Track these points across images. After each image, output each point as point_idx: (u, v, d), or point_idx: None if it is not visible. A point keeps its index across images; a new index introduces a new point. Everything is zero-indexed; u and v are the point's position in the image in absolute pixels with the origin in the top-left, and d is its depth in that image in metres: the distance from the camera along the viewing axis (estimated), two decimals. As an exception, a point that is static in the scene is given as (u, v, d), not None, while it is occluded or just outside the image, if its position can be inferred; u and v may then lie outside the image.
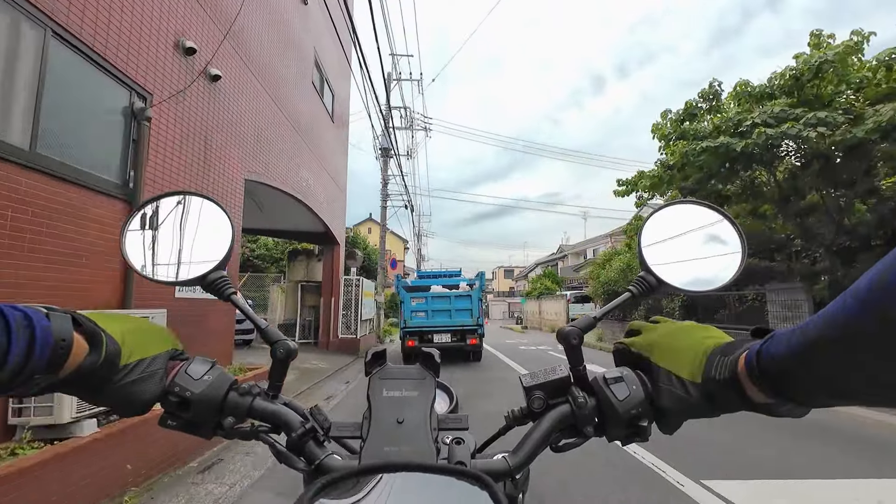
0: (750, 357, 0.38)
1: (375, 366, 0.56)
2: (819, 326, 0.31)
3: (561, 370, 0.53)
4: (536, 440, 0.50)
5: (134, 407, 0.47)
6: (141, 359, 0.47)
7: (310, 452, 0.49)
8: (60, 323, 0.38)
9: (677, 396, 0.46)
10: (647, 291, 0.57)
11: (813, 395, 0.35)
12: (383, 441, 0.48)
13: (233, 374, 0.52)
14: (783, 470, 3.18)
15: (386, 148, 17.44)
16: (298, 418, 0.50)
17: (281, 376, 0.53)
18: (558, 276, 28.57)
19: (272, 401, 0.52)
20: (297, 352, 0.54)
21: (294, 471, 0.49)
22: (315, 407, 0.53)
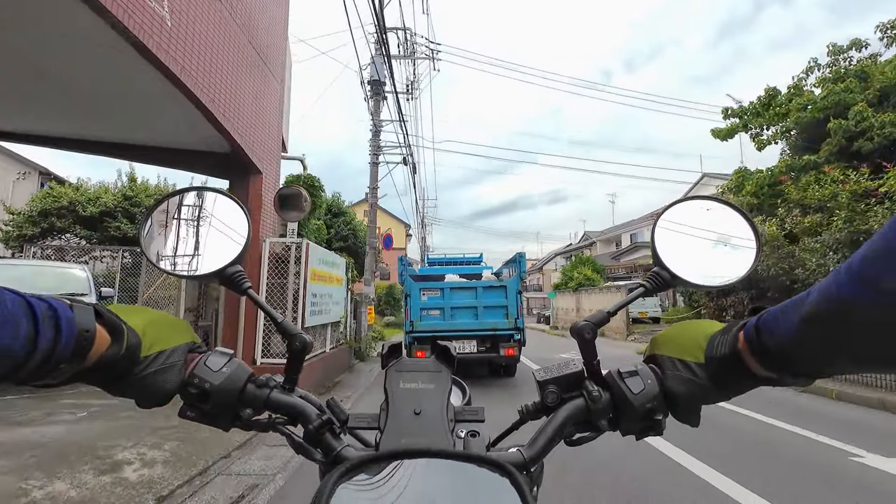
0: (748, 331, 0.45)
1: (392, 358, 0.64)
2: (814, 301, 0.36)
3: (574, 365, 0.60)
4: (550, 433, 0.57)
5: (155, 397, 0.54)
6: (161, 350, 0.54)
7: (327, 444, 0.57)
8: (83, 314, 0.44)
9: (684, 379, 0.54)
10: (661, 286, 0.65)
11: (812, 366, 0.41)
12: (401, 432, 0.55)
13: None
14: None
15: (377, 81, 15.01)
16: (315, 410, 0.58)
17: (297, 370, 0.61)
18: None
19: (289, 393, 0.60)
20: (312, 345, 0.75)
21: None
22: (332, 399, 0.61)
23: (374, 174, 15.45)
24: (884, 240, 0.29)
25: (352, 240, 15.81)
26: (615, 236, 34.97)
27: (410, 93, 16.83)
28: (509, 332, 7.31)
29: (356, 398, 6.67)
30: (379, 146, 15.61)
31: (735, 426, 5.06)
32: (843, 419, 5.43)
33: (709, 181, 24.83)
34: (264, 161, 6.36)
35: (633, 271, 25.24)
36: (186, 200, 0.70)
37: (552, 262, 45.59)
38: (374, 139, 15.51)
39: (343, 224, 15.82)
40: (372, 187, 15.28)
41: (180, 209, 0.69)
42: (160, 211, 0.69)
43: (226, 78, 5.28)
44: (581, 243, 40.71)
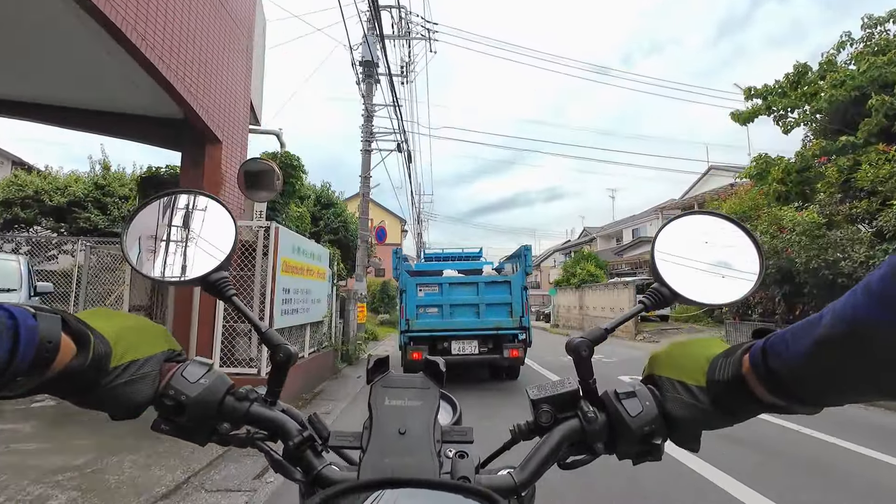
0: (754, 355, 0.42)
1: (378, 373, 0.59)
2: (826, 323, 0.34)
3: (570, 383, 0.57)
4: (544, 456, 0.54)
5: (125, 409, 0.50)
6: (133, 360, 0.51)
7: (307, 462, 0.54)
8: (48, 323, 0.41)
9: (685, 403, 0.51)
10: (660, 303, 0.63)
11: (823, 394, 0.39)
12: (385, 452, 0.51)
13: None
14: None
15: (369, 62, 13.90)
16: (296, 426, 0.55)
17: (280, 382, 0.59)
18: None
19: (270, 407, 0.57)
20: (297, 357, 0.61)
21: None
22: (314, 415, 0.58)
23: (367, 162, 14.36)
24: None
25: (342, 232, 14.69)
26: (616, 232, 34.05)
27: (405, 76, 15.71)
28: (514, 331, 6.83)
29: (339, 413, 5.58)
30: (371, 132, 14.51)
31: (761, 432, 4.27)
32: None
33: (716, 173, 23.85)
34: (225, 129, 5.25)
35: (637, 267, 24.24)
36: (171, 203, 0.68)
37: (550, 259, 44.71)
38: (367, 124, 14.41)
39: (333, 216, 14.70)
40: (364, 176, 14.19)
41: (164, 212, 0.67)
42: (143, 214, 0.66)
43: (172, 22, 4.16)
44: (580, 239, 39.78)
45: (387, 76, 14.28)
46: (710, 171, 24.52)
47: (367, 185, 14.24)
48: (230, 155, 5.38)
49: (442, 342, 6.87)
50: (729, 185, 20.16)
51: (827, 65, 10.22)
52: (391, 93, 14.32)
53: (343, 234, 14.90)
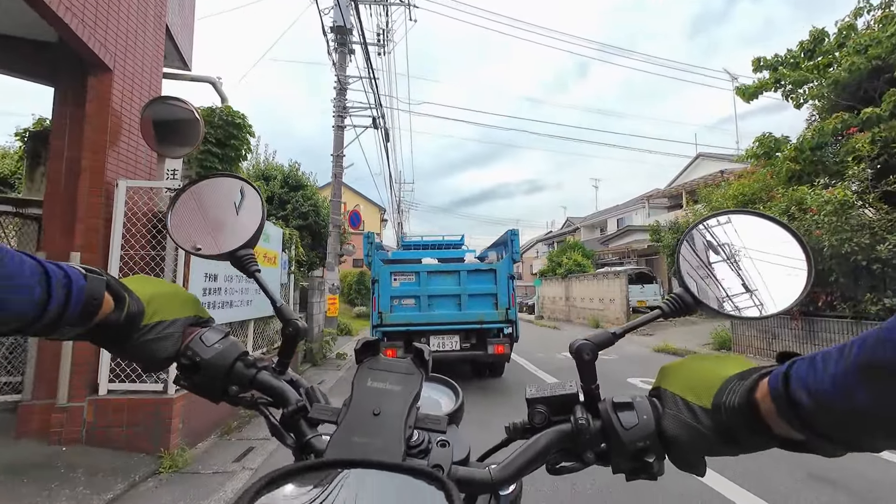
0: (774, 382, 0.38)
1: (367, 354, 0.59)
2: (868, 347, 0.29)
3: (570, 386, 0.56)
4: (528, 457, 0.52)
5: (151, 362, 0.58)
6: (161, 320, 0.58)
7: (300, 430, 0.57)
8: (95, 284, 0.49)
9: (685, 423, 0.46)
10: (681, 311, 0.58)
11: (856, 432, 0.33)
12: (355, 430, 0.51)
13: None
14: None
15: (341, 27, 12.42)
16: (296, 396, 0.59)
17: (289, 354, 0.64)
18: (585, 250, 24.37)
19: (277, 376, 0.61)
20: (306, 331, 0.66)
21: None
22: (312, 387, 0.62)
23: (339, 139, 12.92)
24: None
25: (313, 217, 13.23)
26: (600, 222, 33.28)
27: (382, 45, 14.25)
28: (499, 325, 6.14)
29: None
30: (344, 106, 13.05)
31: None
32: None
33: (704, 161, 23.07)
34: (118, 55, 3.81)
35: (624, 256, 23.37)
36: (209, 186, 0.74)
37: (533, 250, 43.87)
38: (339, 98, 12.95)
39: (302, 198, 13.22)
40: (336, 154, 12.76)
41: (202, 194, 0.73)
42: (187, 194, 0.72)
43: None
44: (564, 229, 38.98)
45: (361, 45, 12.78)
46: (698, 158, 23.73)
47: (339, 165, 12.81)
48: (129, 94, 3.94)
49: (419, 337, 6.08)
50: (719, 172, 19.33)
51: (847, 29, 9.20)
52: (366, 63, 12.84)
53: (314, 218, 13.43)
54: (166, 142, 4.14)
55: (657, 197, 26.16)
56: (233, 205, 0.72)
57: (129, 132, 3.92)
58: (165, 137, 4.13)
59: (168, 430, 3.43)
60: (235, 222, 0.71)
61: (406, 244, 11.68)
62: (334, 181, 12.66)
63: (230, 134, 5.73)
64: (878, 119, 8.21)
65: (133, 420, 3.41)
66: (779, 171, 9.64)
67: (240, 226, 0.70)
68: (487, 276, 6.30)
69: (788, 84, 10.35)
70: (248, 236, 0.68)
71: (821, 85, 9.65)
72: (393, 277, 6.22)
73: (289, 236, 6.79)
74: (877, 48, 8.56)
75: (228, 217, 0.72)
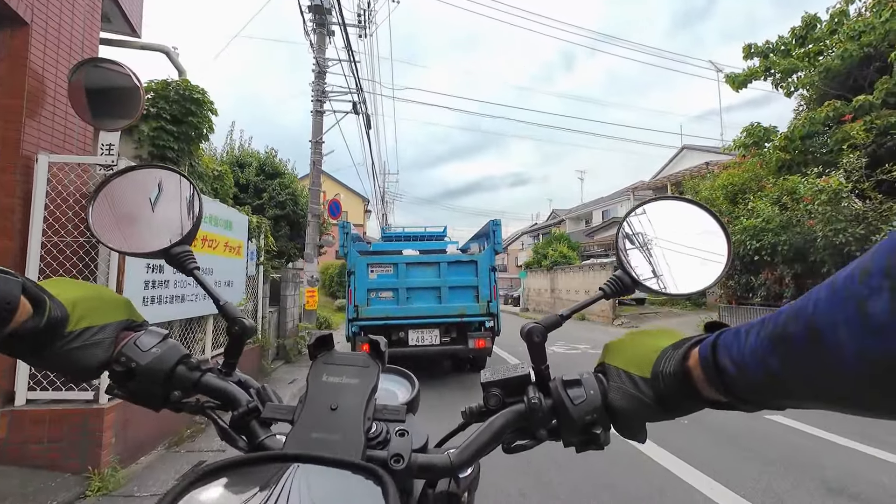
0: (704, 351, 0.40)
1: (321, 350, 0.58)
2: (782, 322, 0.31)
3: (522, 368, 0.57)
4: (485, 439, 0.53)
5: (78, 372, 0.53)
6: (89, 326, 0.53)
7: (252, 432, 0.55)
8: (9, 287, 0.43)
9: (628, 393, 0.49)
10: (621, 291, 0.61)
11: (767, 394, 0.36)
12: (313, 426, 0.50)
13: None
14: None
15: (319, 6, 11.77)
16: (247, 397, 0.57)
17: (235, 354, 0.61)
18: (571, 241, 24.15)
19: (224, 378, 0.58)
20: (253, 330, 0.62)
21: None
22: (263, 387, 0.60)
23: (318, 125, 12.34)
24: (873, 259, 0.25)
25: (291, 206, 12.58)
26: (585, 214, 33.14)
27: (364, 27, 13.59)
28: (480, 318, 5.94)
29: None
30: (324, 91, 12.45)
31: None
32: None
33: (689, 153, 22.98)
34: (38, 7, 3.23)
35: (610, 248, 23.23)
36: (137, 178, 0.69)
37: (518, 242, 43.70)
38: (318, 81, 12.34)
39: (280, 187, 12.56)
40: (314, 141, 12.17)
41: (130, 186, 0.68)
42: (110, 187, 0.67)
43: None
44: (549, 221, 38.83)
45: (340, 26, 12.17)
46: (683, 150, 23.63)
47: (318, 152, 12.24)
48: (54, 56, 3.37)
49: (397, 332, 5.89)
50: (704, 164, 19.22)
51: (839, 15, 8.96)
52: (346, 45, 12.24)
53: (292, 208, 12.78)
54: (103, 113, 3.59)
55: (642, 189, 26.03)
56: (166, 198, 0.68)
57: (55, 100, 3.36)
58: (102, 108, 3.58)
59: (98, 446, 2.93)
60: (169, 217, 0.67)
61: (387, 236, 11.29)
62: (313, 168, 12.09)
63: (187, 110, 5.15)
64: (870, 107, 8.00)
65: (56, 434, 2.90)
66: (768, 160, 9.42)
67: (172, 221, 0.67)
68: (468, 267, 6.06)
69: (778, 72, 10.12)
70: (183, 232, 0.65)
71: (811, 73, 9.42)
72: (370, 269, 5.93)
73: (256, 224, 6.26)
74: (870, 35, 8.34)
75: (161, 211, 0.68)
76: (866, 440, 3.78)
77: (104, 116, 3.55)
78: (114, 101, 3.58)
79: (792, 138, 9.12)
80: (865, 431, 4.00)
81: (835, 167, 7.54)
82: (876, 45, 8.43)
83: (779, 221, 7.45)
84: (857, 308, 0.25)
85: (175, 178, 0.69)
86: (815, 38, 9.29)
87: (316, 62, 12.31)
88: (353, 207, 29.17)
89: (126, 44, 4.70)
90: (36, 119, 3.19)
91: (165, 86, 5.10)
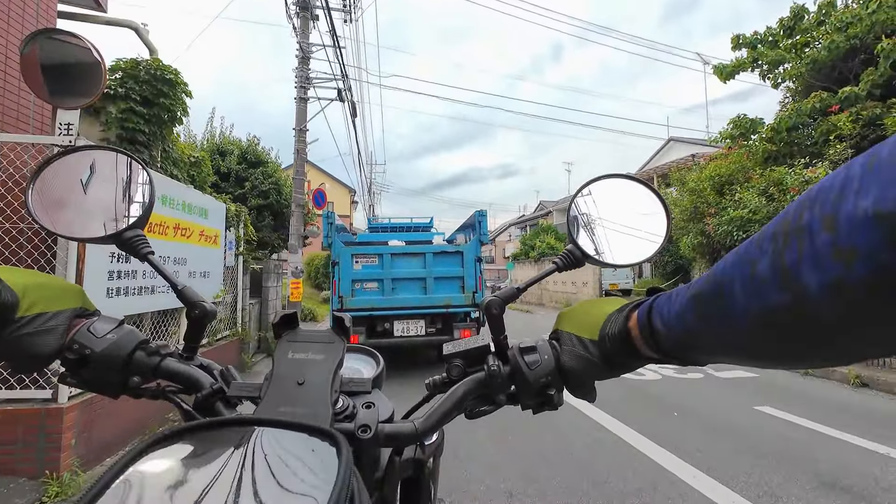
0: (641, 311, 0.44)
1: (285, 328, 0.58)
2: (700, 282, 0.35)
3: (482, 339, 0.60)
4: (447, 407, 0.56)
5: (27, 360, 0.51)
6: (41, 312, 0.51)
7: (216, 413, 0.55)
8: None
9: (578, 355, 0.53)
10: (572, 264, 0.65)
11: (690, 349, 0.39)
12: (280, 401, 0.51)
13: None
14: None
15: (303, -12, 11.39)
16: (209, 379, 0.56)
17: (196, 338, 0.61)
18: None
19: (185, 362, 0.58)
20: (214, 314, 0.62)
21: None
22: (226, 368, 0.59)
23: (302, 112, 12.01)
24: (774, 224, 0.28)
25: (274, 196, 12.23)
26: (572, 206, 33.20)
27: (350, 11, 13.21)
28: (466, 309, 6.00)
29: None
30: (307, 77, 12.10)
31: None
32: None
33: (675, 145, 23.08)
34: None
35: (596, 240, 23.31)
36: (82, 160, 0.65)
37: (505, 234, 43.69)
38: (302, 67, 11.99)
39: (262, 176, 12.20)
40: (298, 129, 11.86)
41: (74, 168, 0.65)
42: (50, 170, 0.64)
43: None
44: (536, 213, 38.86)
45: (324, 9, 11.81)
46: (669, 142, 23.71)
47: (302, 140, 11.93)
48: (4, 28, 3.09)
49: (382, 323, 5.88)
50: (690, 157, 19.30)
51: (826, 7, 8.92)
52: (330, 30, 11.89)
53: (275, 198, 12.44)
54: (62, 90, 3.31)
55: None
56: (115, 181, 0.65)
57: (5, 74, 3.08)
58: (60, 85, 3.30)
59: (57, 448, 2.71)
60: (119, 201, 0.64)
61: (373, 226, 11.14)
62: (297, 157, 11.79)
63: (159, 91, 4.84)
64: (856, 98, 8.00)
65: (9, 437, 2.67)
66: (755, 152, 9.41)
67: (123, 205, 0.64)
68: (454, 258, 6.06)
69: (766, 64, 10.09)
70: (135, 216, 0.63)
71: (798, 65, 9.39)
72: (355, 260, 5.90)
73: (235, 213, 5.99)
74: (857, 26, 8.31)
75: (110, 195, 0.64)
76: (858, 432, 3.75)
77: (62, 94, 3.28)
78: (73, 78, 3.31)
79: (778, 130, 9.10)
80: (857, 423, 3.98)
81: (821, 158, 7.55)
82: (862, 36, 8.42)
83: (766, 212, 7.44)
84: (750, 268, 0.28)
85: (125, 160, 0.66)
86: (802, 28, 9.26)
87: (299, 47, 11.93)
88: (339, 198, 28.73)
89: (89, 18, 4.37)
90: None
91: (135, 65, 4.79)
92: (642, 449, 3.40)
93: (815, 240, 0.24)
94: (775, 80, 9.86)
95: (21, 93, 3.19)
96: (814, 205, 0.24)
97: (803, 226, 0.24)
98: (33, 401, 2.80)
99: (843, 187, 0.23)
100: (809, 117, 8.73)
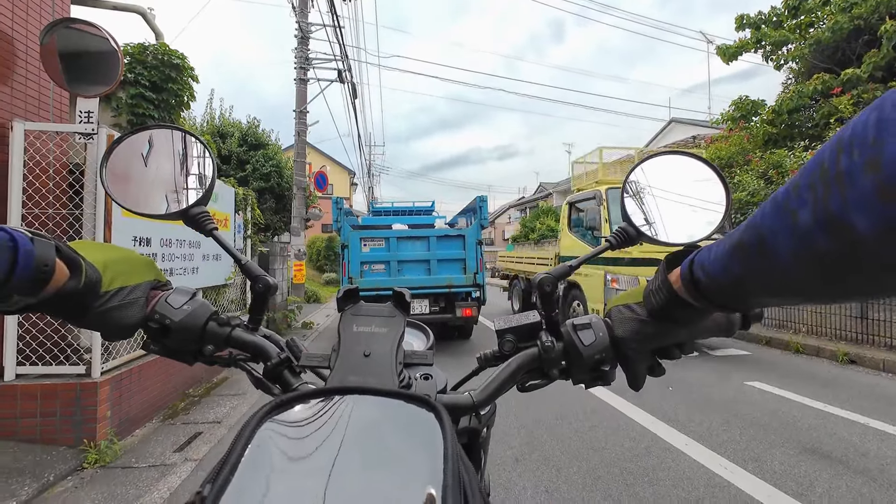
0: (683, 268, 0.47)
1: (348, 302, 0.62)
2: (738, 233, 0.37)
3: (533, 316, 0.62)
4: (502, 379, 0.59)
5: (117, 330, 0.55)
6: (122, 286, 0.55)
7: (284, 381, 0.59)
8: (43, 248, 0.43)
9: (626, 318, 0.56)
10: (625, 242, 0.66)
11: (735, 295, 0.41)
12: (349, 372, 0.54)
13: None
14: None
15: (302, -35, 11.24)
16: (276, 349, 0.60)
17: (260, 310, 0.64)
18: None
19: (251, 332, 0.62)
20: (276, 287, 0.64)
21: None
22: (291, 339, 0.63)
23: (302, 93, 11.98)
24: (802, 176, 0.29)
25: (275, 179, 12.31)
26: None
27: (347, -10, 13.05)
28: (467, 289, 6.34)
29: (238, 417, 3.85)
30: (307, 57, 12.03)
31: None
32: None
33: (677, 126, 23.00)
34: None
35: (596, 222, 23.43)
36: (152, 138, 0.67)
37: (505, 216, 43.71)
38: (301, 48, 11.91)
39: (263, 158, 12.26)
40: (298, 110, 11.85)
41: (143, 147, 0.67)
42: (122, 148, 0.66)
43: None
44: (536, 195, 38.80)
45: (324, -12, 11.66)
46: (671, 123, 23.63)
47: (302, 122, 11.94)
48: (23, 15, 3.18)
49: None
50: (691, 138, 19.28)
51: (832, -14, 8.90)
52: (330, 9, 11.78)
53: (276, 180, 12.52)
54: (80, 78, 3.42)
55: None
56: (179, 159, 0.68)
57: (27, 63, 3.19)
58: (79, 73, 3.41)
59: (94, 419, 2.93)
60: (184, 178, 0.67)
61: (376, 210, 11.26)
62: (297, 139, 11.82)
63: (167, 76, 4.94)
64: (857, 80, 8.06)
65: (48, 409, 2.89)
66: (755, 134, 9.49)
67: (189, 182, 0.67)
68: (456, 241, 6.38)
69: (769, 44, 10.09)
70: (199, 193, 0.66)
71: (801, 46, 9.40)
72: (363, 243, 6.23)
73: (243, 196, 6.13)
74: (861, 7, 8.32)
75: (175, 172, 0.67)
76: (839, 403, 3.99)
77: (81, 82, 3.39)
78: (91, 66, 3.42)
79: (779, 112, 9.18)
80: (840, 396, 4.22)
81: (821, 141, 7.66)
82: (866, 17, 8.43)
83: (764, 195, 7.58)
84: (791, 218, 0.29)
85: (187, 137, 0.69)
86: (807, 9, 9.25)
87: (298, 27, 11.84)
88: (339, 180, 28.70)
89: (98, 3, 4.43)
90: (7, 84, 3.03)
91: (142, 50, 4.88)
92: (638, 419, 3.64)
93: (858, 183, 0.24)
94: (778, 61, 9.87)
95: (42, 81, 3.30)
96: (851, 149, 0.24)
97: (842, 171, 0.25)
98: (68, 376, 3.00)
99: (883, 129, 0.23)
100: (811, 99, 8.79)
